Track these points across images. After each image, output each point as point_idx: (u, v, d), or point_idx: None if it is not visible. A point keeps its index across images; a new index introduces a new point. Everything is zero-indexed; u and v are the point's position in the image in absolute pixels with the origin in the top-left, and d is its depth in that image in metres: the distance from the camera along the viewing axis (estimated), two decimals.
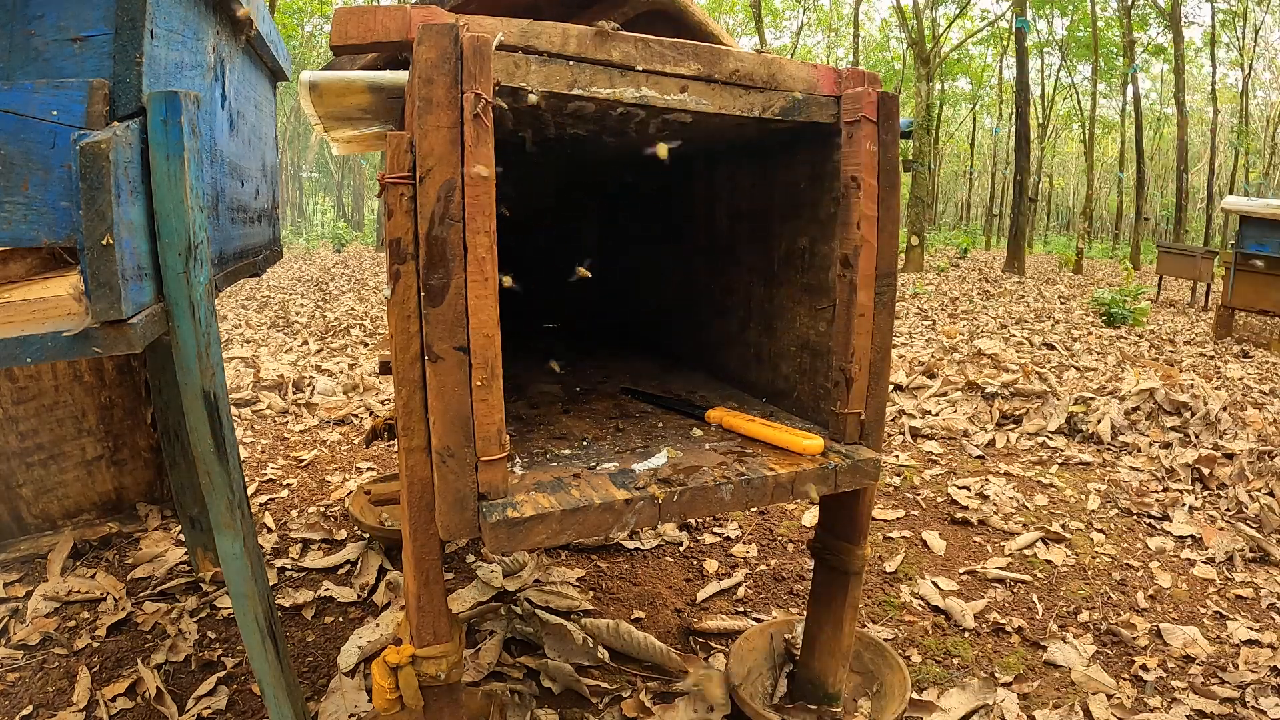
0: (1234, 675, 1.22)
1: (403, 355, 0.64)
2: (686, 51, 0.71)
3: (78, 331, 0.61)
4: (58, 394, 1.51)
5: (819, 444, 0.78)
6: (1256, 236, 4.78)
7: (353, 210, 24.03)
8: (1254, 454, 2.11)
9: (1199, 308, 7.03)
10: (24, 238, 0.62)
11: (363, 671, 1.17)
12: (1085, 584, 1.52)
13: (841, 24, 23.67)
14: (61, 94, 0.61)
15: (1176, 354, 4.16)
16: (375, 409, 2.66)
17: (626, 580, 1.51)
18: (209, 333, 0.75)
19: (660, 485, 0.70)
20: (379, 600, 1.41)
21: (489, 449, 0.64)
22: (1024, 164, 10.69)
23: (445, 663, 0.72)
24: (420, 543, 0.69)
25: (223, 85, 0.97)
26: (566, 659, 1.21)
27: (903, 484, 2.05)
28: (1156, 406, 2.55)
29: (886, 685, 1.09)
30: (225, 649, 1.24)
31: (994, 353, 3.64)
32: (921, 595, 1.46)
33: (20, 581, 1.42)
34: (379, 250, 12.77)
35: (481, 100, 0.60)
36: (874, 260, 0.81)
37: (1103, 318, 5.30)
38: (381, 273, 8.61)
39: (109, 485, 1.61)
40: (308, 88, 0.74)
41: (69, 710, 1.09)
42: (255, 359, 3.34)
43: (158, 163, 0.67)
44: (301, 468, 2.11)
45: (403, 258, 0.63)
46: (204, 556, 1.44)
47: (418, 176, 0.60)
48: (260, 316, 4.93)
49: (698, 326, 1.21)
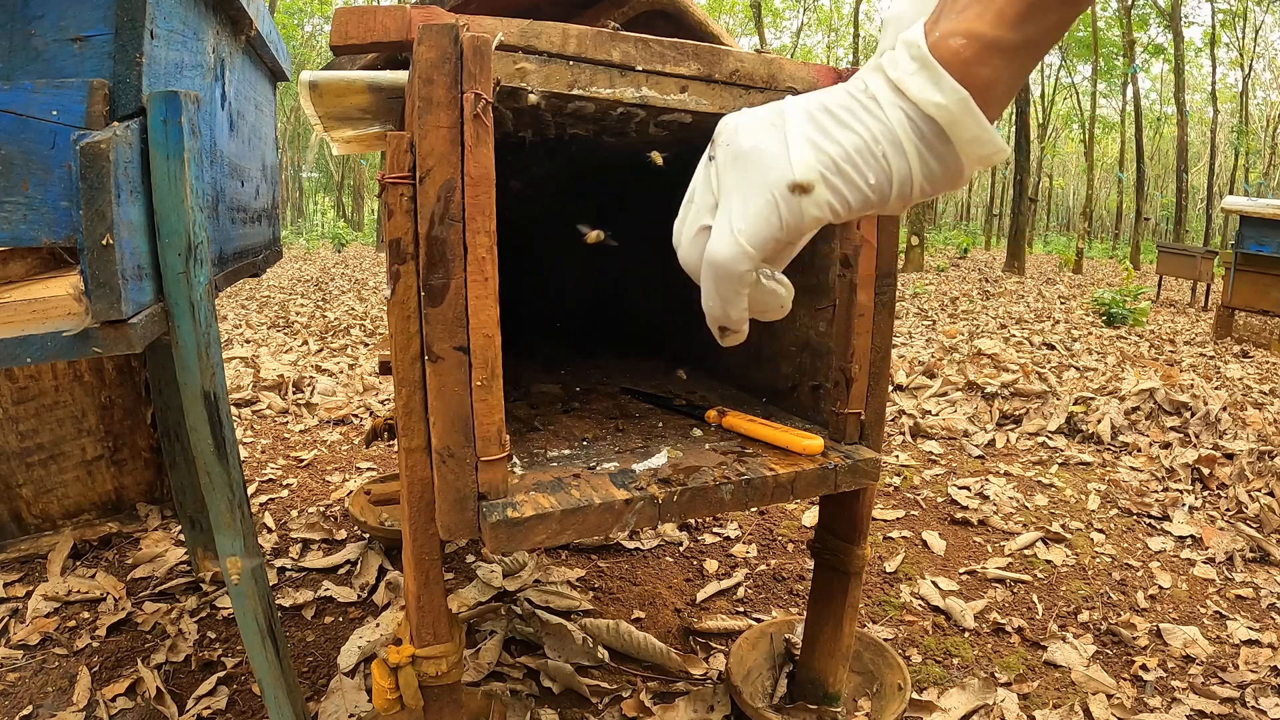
0: (1234, 675, 1.22)
1: (403, 355, 0.64)
2: (686, 51, 0.71)
3: (78, 331, 0.61)
4: (58, 394, 1.51)
5: (819, 444, 0.78)
6: (1256, 236, 4.78)
7: (353, 210, 24.03)
8: (1254, 454, 2.11)
9: (1199, 308, 7.03)
10: (24, 238, 0.62)
11: (363, 671, 1.17)
12: (1085, 584, 1.52)
13: (841, 24, 23.69)
14: (61, 94, 0.61)
15: (1176, 354, 4.16)
16: (375, 409, 2.66)
17: (626, 580, 1.51)
18: (209, 333, 0.75)
19: (660, 485, 0.70)
20: (379, 600, 1.41)
21: (489, 449, 0.64)
22: (1024, 164, 10.70)
23: (445, 663, 0.72)
24: (420, 543, 0.69)
25: (223, 85, 0.97)
26: (566, 659, 1.21)
27: (903, 484, 2.05)
28: (1156, 406, 2.55)
29: (886, 685, 1.09)
30: (225, 649, 1.24)
31: (994, 353, 3.64)
32: (921, 595, 1.46)
33: (20, 581, 1.42)
34: (379, 250, 12.77)
35: (481, 100, 0.60)
36: (874, 260, 0.81)
37: (1103, 318, 5.30)
38: (381, 273, 8.62)
39: (109, 485, 1.61)
40: (308, 88, 0.74)
41: (69, 710, 1.09)
42: (255, 359, 3.34)
43: (158, 163, 0.67)
44: (301, 468, 2.11)
45: (403, 258, 0.63)
46: (204, 556, 1.44)
47: (418, 176, 0.60)
48: (260, 316, 4.93)
49: (698, 327, 1.21)
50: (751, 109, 0.44)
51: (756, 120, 0.43)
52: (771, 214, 0.41)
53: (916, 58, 0.38)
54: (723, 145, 0.44)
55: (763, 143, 0.41)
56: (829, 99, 0.41)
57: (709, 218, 0.44)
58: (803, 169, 0.40)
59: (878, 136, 0.39)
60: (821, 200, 0.40)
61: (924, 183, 0.40)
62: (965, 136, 0.38)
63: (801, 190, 0.40)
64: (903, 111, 0.39)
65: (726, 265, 0.42)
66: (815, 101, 0.42)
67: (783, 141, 0.41)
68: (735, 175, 0.42)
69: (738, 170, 0.42)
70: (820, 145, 0.40)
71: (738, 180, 0.42)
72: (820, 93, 0.42)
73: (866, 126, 0.39)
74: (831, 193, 0.40)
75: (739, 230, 0.41)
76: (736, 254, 0.41)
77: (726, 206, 0.42)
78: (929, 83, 0.38)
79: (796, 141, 0.40)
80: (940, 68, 0.37)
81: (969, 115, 0.38)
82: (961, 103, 0.38)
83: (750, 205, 0.41)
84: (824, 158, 0.40)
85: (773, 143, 0.41)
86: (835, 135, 0.40)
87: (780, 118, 0.42)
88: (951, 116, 0.38)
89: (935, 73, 0.38)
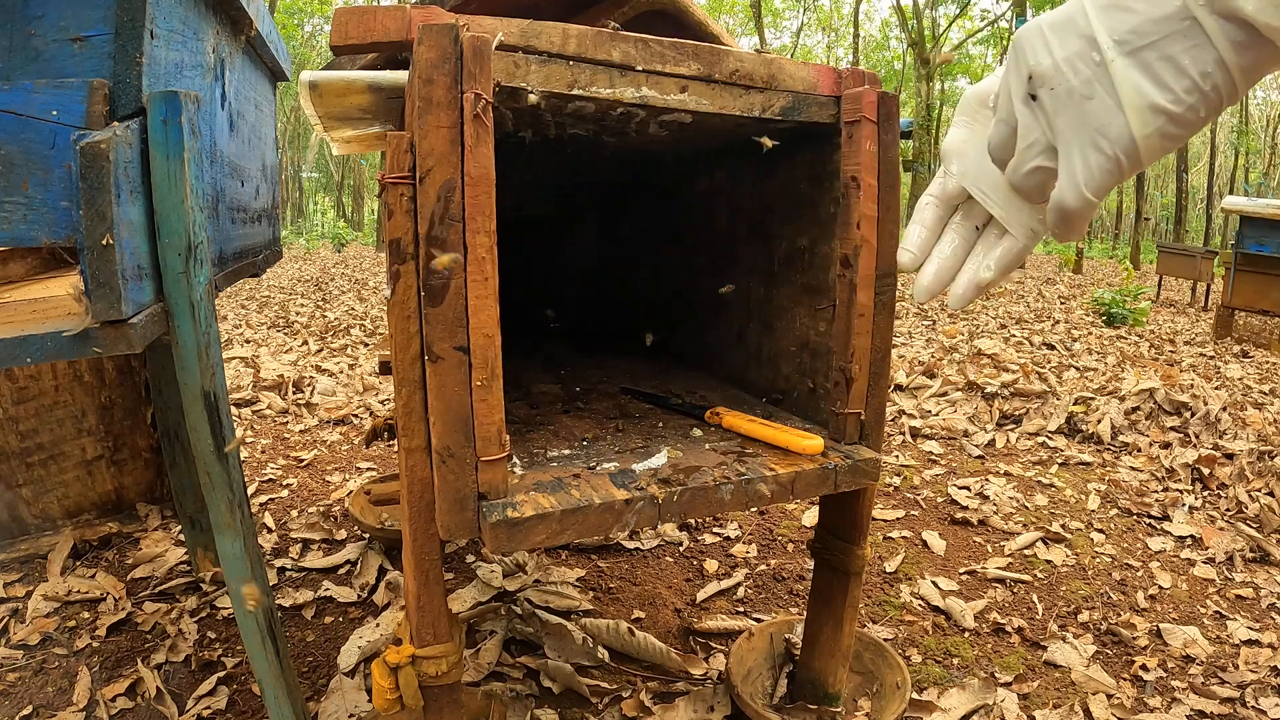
0: (1234, 675, 1.22)
1: (403, 355, 0.64)
2: (686, 51, 0.71)
3: (78, 331, 0.61)
4: (58, 394, 1.51)
5: (819, 444, 0.78)
6: (1256, 236, 4.78)
7: (353, 210, 24.04)
8: (1254, 454, 2.11)
9: (1199, 308, 7.03)
10: (24, 238, 0.62)
11: (363, 671, 1.17)
12: (1085, 584, 1.52)
13: (841, 24, 23.70)
14: (61, 94, 0.61)
15: (1176, 354, 4.16)
16: (375, 409, 2.66)
17: (626, 580, 1.51)
18: (209, 333, 0.75)
19: (660, 485, 0.70)
20: (379, 600, 1.41)
21: (489, 449, 0.64)
22: None
23: (445, 663, 0.72)
24: (420, 543, 0.69)
25: (223, 85, 0.97)
26: (566, 659, 1.21)
27: (903, 484, 2.05)
28: (1156, 406, 2.55)
29: (886, 685, 1.09)
30: (225, 649, 1.24)
31: (994, 353, 3.64)
32: (921, 595, 1.46)
33: (20, 581, 1.42)
34: (379, 250, 12.77)
35: (481, 100, 0.60)
36: (874, 260, 0.81)
37: (1103, 318, 5.30)
38: (381, 273, 8.62)
39: (109, 485, 1.61)
40: (308, 88, 0.74)
41: (69, 710, 1.09)
42: (255, 359, 3.34)
43: (158, 163, 0.67)
44: (301, 468, 2.11)
45: (403, 258, 0.63)
46: (204, 556, 1.44)
47: (418, 176, 0.60)
48: (260, 316, 4.93)
49: (698, 326, 1.22)
50: (1055, 32, 0.44)
51: (1075, 60, 0.43)
52: (1114, 169, 0.44)
53: None
54: (1046, 89, 0.45)
55: (1094, 91, 0.43)
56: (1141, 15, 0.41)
57: (1044, 159, 0.47)
58: (1140, 128, 0.42)
59: (1209, 71, 0.40)
60: (1155, 148, 0.42)
61: (1238, 97, 0.41)
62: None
63: (1139, 148, 0.42)
64: (1230, 41, 0.39)
65: (1077, 214, 0.46)
66: (1131, 22, 0.41)
67: (1112, 88, 0.42)
68: (1073, 124, 0.44)
69: (1075, 122, 0.44)
70: (1151, 94, 0.41)
71: (1077, 132, 0.44)
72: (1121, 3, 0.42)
73: (1197, 62, 0.40)
74: (1166, 140, 0.42)
75: (1085, 184, 0.44)
76: (1086, 204, 0.46)
77: (1069, 158, 0.45)
78: (1271, 5, 0.37)
79: (1126, 90, 0.41)
80: None
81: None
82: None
83: (1094, 161, 0.44)
84: (1161, 108, 0.41)
85: (1103, 90, 0.42)
86: (1165, 78, 0.41)
87: (1098, 52, 0.42)
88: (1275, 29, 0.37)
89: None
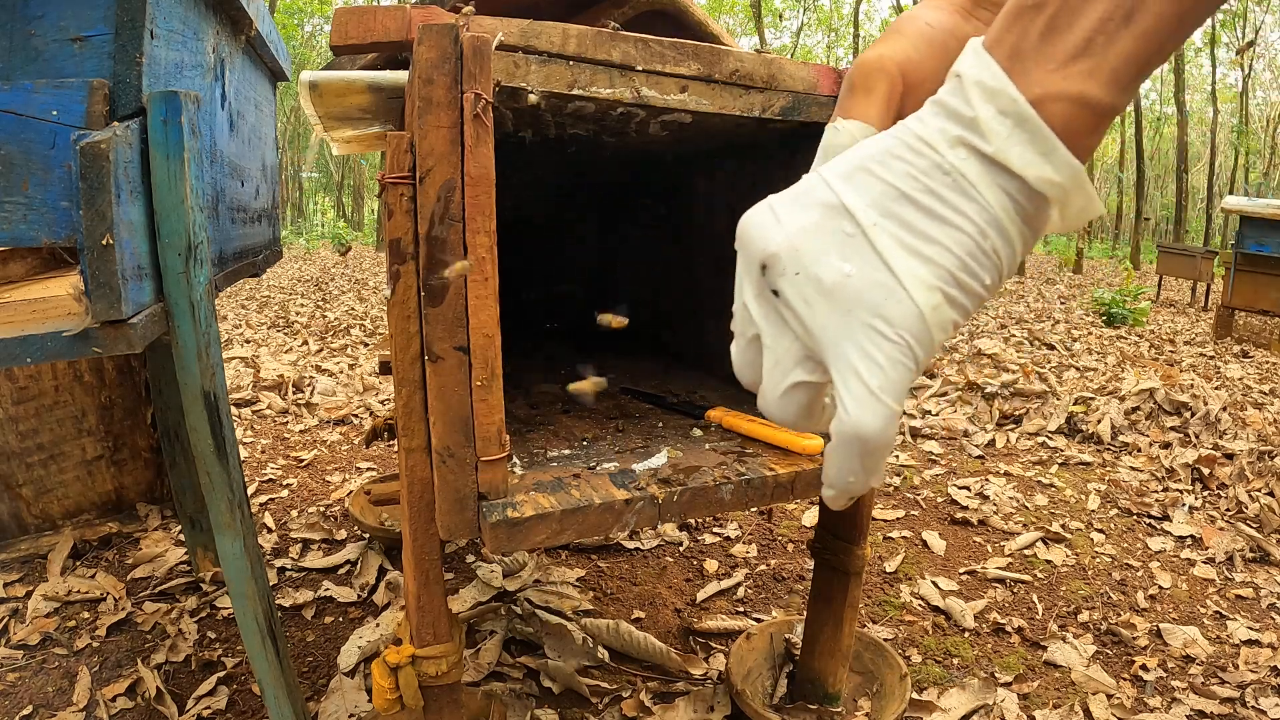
0: (1234, 675, 1.22)
1: (403, 355, 0.64)
2: (686, 51, 0.71)
3: (78, 331, 0.61)
4: (58, 394, 1.51)
5: (819, 444, 0.78)
6: (1256, 236, 4.78)
7: (353, 210, 24.04)
8: (1254, 454, 2.11)
9: (1199, 308, 7.03)
10: (24, 238, 0.62)
11: (363, 671, 1.17)
12: (1085, 584, 1.52)
13: (841, 24, 23.70)
14: (61, 94, 0.61)
15: (1176, 354, 4.16)
16: (375, 409, 2.66)
17: (626, 580, 1.51)
18: (209, 333, 0.75)
19: (660, 485, 0.70)
20: (379, 600, 1.41)
21: (489, 449, 0.64)
22: None
23: (445, 663, 0.72)
24: (420, 543, 0.69)
25: (223, 85, 0.97)
26: (566, 659, 1.21)
27: (903, 484, 2.05)
28: (1156, 406, 2.55)
29: (886, 685, 1.09)
30: (225, 649, 1.24)
31: (994, 353, 3.64)
32: (921, 595, 1.46)
33: (20, 581, 1.42)
34: (379, 250, 12.77)
35: (481, 100, 0.60)
36: None
37: (1103, 318, 5.30)
38: (381, 273, 8.62)
39: (109, 485, 1.61)
40: (308, 88, 0.74)
41: (69, 710, 1.09)
42: (255, 359, 3.34)
43: (158, 163, 0.67)
44: (301, 468, 2.11)
45: (403, 258, 0.63)
46: (204, 556, 1.44)
47: (418, 176, 0.60)
48: (260, 316, 4.93)
49: (698, 327, 1.22)
50: (786, 207, 0.35)
51: (820, 232, 0.34)
52: (907, 359, 0.33)
53: (1012, 115, 0.31)
54: (788, 276, 0.34)
55: (853, 267, 0.33)
56: (893, 174, 0.33)
57: (802, 372, 0.36)
58: (925, 297, 0.32)
59: (984, 229, 0.32)
60: (946, 321, 0.33)
61: (1018, 260, 0.34)
62: (1074, 209, 0.32)
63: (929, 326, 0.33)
64: (1004, 191, 0.32)
65: (881, 436, 0.33)
66: (881, 185, 0.33)
67: (877, 260, 0.33)
68: (835, 318, 0.34)
69: (836, 311, 0.34)
70: (927, 255, 0.32)
71: (843, 325, 0.33)
72: (869, 160, 0.34)
73: (968, 218, 0.32)
74: (954, 309, 0.33)
75: (881, 390, 0.33)
76: (889, 419, 0.33)
77: (845, 362, 0.34)
78: (1038, 155, 0.31)
79: (896, 257, 0.33)
80: (1051, 134, 0.31)
81: (1082, 189, 0.32)
82: (1075, 177, 0.31)
83: (880, 354, 0.33)
84: (939, 270, 0.32)
85: (866, 264, 0.33)
86: (936, 237, 0.32)
87: (850, 221, 0.33)
88: (1065, 193, 0.32)
89: (1045, 141, 0.31)
